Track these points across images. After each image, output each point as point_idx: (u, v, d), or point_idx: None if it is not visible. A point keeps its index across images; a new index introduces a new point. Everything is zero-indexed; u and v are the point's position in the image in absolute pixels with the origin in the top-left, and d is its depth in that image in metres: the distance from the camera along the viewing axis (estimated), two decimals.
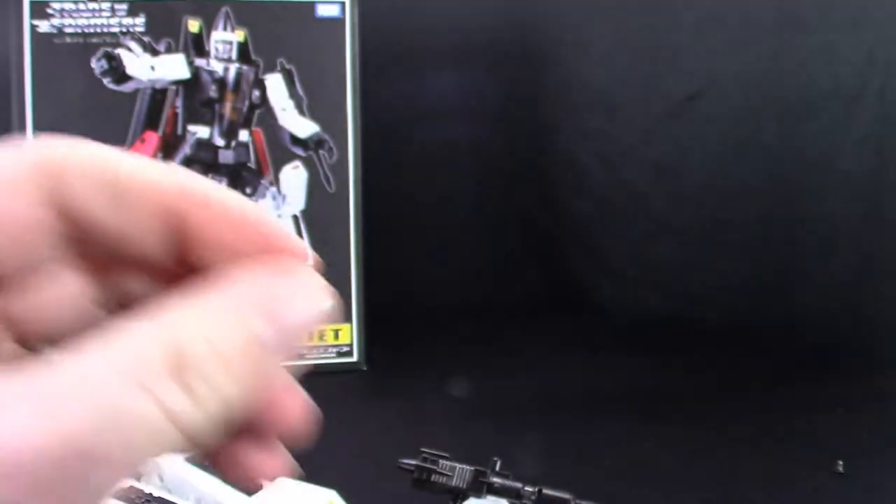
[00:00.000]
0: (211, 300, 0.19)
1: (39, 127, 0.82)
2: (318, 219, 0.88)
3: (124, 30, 0.83)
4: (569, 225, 1.14)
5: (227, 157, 0.86)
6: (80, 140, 0.22)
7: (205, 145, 0.86)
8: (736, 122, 1.08)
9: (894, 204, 1.02)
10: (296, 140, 0.87)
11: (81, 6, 0.82)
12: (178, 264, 0.22)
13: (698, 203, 1.10)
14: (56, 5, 0.82)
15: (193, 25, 0.84)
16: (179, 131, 0.85)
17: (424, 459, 0.47)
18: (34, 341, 0.22)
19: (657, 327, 1.07)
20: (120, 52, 0.83)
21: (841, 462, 0.64)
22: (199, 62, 0.85)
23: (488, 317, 1.08)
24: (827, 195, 1.05)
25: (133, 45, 0.83)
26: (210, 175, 0.86)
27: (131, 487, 0.45)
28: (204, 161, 0.86)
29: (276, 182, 0.87)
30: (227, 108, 0.86)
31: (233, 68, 0.86)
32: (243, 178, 0.87)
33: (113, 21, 0.83)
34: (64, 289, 0.22)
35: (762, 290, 1.08)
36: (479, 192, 1.15)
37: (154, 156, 0.85)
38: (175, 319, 0.18)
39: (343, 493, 0.49)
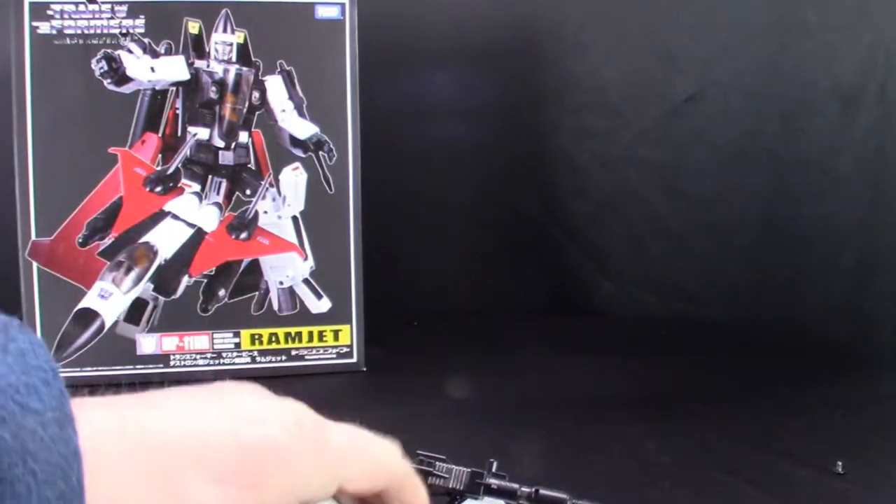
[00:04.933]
0: None
1: (39, 129, 0.82)
2: (318, 220, 0.88)
3: (124, 31, 0.83)
4: (568, 226, 1.14)
5: (227, 158, 0.87)
6: None
7: (205, 147, 0.86)
8: (736, 122, 1.08)
9: (894, 204, 1.02)
10: (295, 141, 0.87)
11: (81, 8, 0.82)
12: None
13: (698, 204, 1.10)
14: (56, 7, 0.82)
15: (193, 27, 0.85)
16: (179, 133, 0.85)
17: (421, 462, 0.47)
18: None
19: (657, 328, 1.07)
20: (120, 53, 0.83)
21: (840, 462, 0.64)
22: (199, 64, 0.85)
23: (487, 318, 1.08)
24: (827, 195, 1.05)
25: (133, 46, 0.83)
26: (210, 176, 0.86)
27: None
28: (204, 162, 0.86)
29: (276, 183, 0.87)
30: (227, 110, 0.86)
31: (233, 70, 0.86)
32: (243, 179, 0.87)
33: (113, 22, 0.83)
34: None
35: (762, 291, 1.08)
36: (479, 193, 1.15)
37: (154, 157, 0.85)
38: None
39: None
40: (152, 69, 0.84)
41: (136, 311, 0.86)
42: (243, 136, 0.87)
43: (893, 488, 0.63)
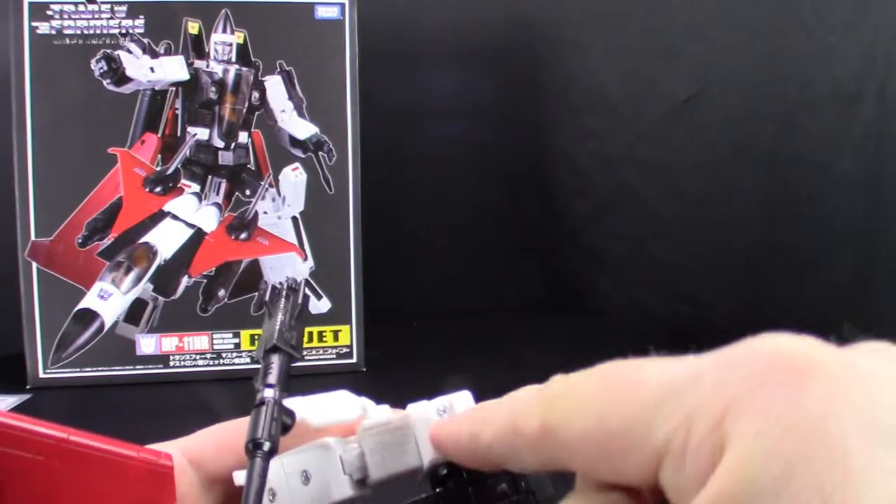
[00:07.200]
0: None
1: (39, 129, 0.82)
2: (318, 220, 0.88)
3: (124, 31, 0.83)
4: (568, 225, 1.14)
5: (226, 158, 0.87)
6: None
7: (204, 147, 0.86)
8: (735, 122, 1.08)
9: (894, 204, 1.02)
10: (295, 142, 0.87)
11: (81, 8, 0.82)
12: None
13: (697, 204, 1.10)
14: (56, 7, 0.82)
15: (193, 27, 0.85)
16: (179, 133, 0.86)
17: None
18: None
19: (656, 328, 1.07)
20: (119, 53, 0.83)
21: None
22: (199, 64, 0.85)
23: (487, 318, 1.08)
24: (827, 195, 1.05)
25: (132, 46, 0.83)
26: (210, 177, 0.87)
27: None
28: (203, 163, 0.86)
29: (275, 184, 0.87)
30: (227, 110, 0.86)
31: (232, 70, 0.86)
32: (243, 179, 0.87)
33: (112, 22, 0.83)
34: None
35: (761, 291, 1.08)
36: (479, 193, 1.15)
37: (154, 157, 0.85)
38: None
39: None
40: (152, 69, 0.84)
41: (135, 312, 0.86)
42: (243, 137, 0.87)
43: None
